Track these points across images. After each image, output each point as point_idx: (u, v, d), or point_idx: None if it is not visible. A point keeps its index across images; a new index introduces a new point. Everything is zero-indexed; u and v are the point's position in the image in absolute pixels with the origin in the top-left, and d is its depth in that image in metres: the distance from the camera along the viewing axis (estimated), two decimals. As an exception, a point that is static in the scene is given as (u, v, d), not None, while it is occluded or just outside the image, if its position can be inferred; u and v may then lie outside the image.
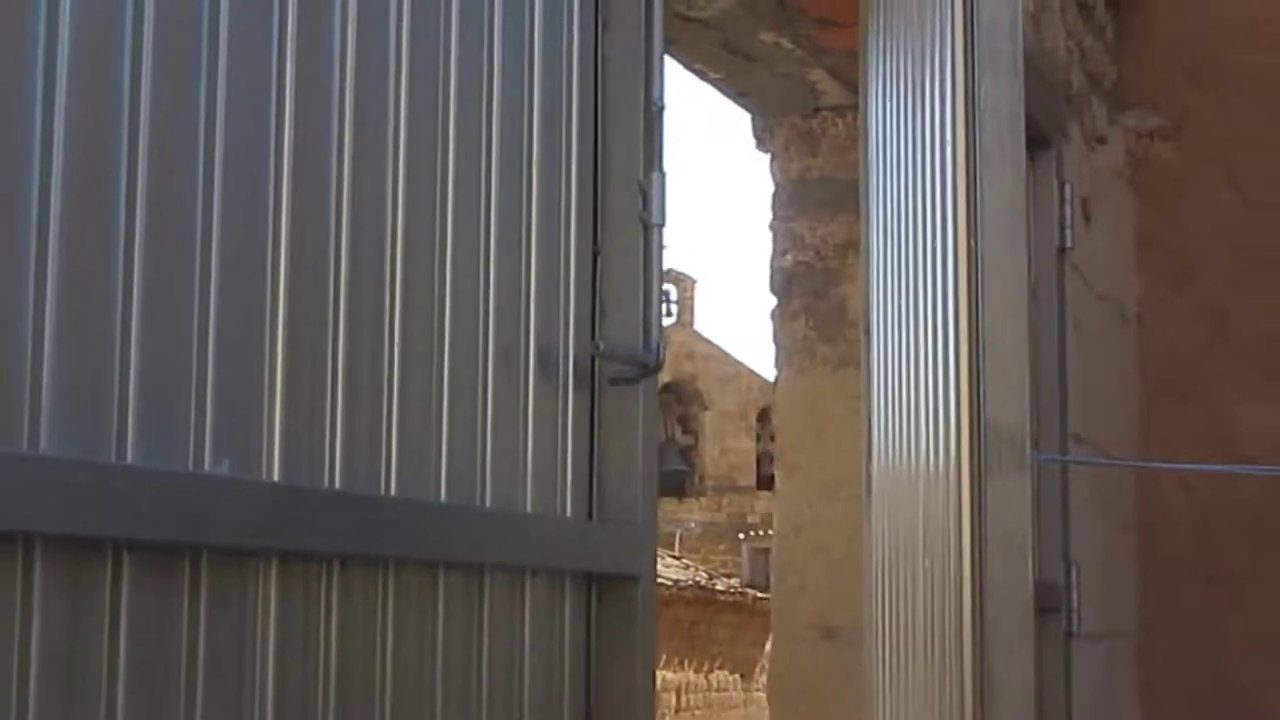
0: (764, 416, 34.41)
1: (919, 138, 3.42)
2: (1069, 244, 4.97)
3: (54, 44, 1.68)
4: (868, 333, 3.64)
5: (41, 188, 1.66)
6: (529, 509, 2.48)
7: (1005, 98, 3.40)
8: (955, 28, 3.29)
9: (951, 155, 3.32)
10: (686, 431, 36.97)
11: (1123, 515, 5.64)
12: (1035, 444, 4.71)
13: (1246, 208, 5.89)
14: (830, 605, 5.20)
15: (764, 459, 33.61)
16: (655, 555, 2.69)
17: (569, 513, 2.58)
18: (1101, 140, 5.64)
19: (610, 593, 2.61)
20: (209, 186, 1.89)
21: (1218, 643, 5.69)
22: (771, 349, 5.61)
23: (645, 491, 2.65)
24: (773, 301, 5.65)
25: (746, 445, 37.15)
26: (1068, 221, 4.97)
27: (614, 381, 2.63)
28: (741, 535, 32.00)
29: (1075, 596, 4.82)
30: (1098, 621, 5.13)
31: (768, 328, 5.64)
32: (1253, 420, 5.77)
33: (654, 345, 2.61)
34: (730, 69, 5.06)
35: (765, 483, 32.33)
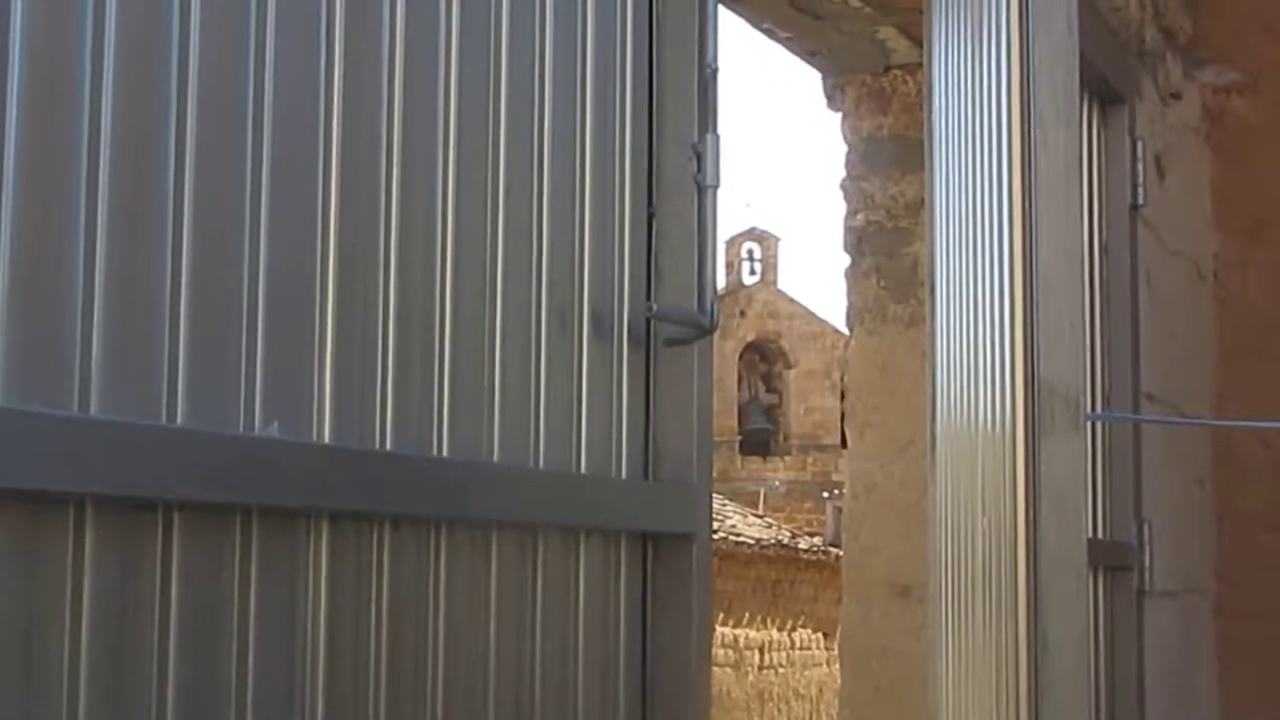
0: (848, 375, 34.18)
1: (978, 96, 3.41)
2: (1141, 201, 4.94)
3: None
4: (932, 291, 3.64)
5: (90, 148, 1.70)
6: (584, 470, 2.50)
7: (1060, 55, 3.38)
8: (1011, -16, 3.27)
9: (1006, 114, 3.31)
10: (770, 390, 36.83)
11: (1197, 472, 5.61)
12: (1106, 403, 4.69)
13: (1325, 163, 5.82)
14: (901, 563, 5.19)
15: (848, 417, 33.41)
16: (710, 514, 2.70)
17: (625, 474, 2.60)
18: (1176, 96, 5.58)
19: (665, 552, 2.64)
20: (258, 145, 1.91)
21: (1295, 597, 5.66)
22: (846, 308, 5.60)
23: (700, 451, 2.67)
24: (847, 261, 5.63)
25: (831, 404, 36.91)
26: (1140, 178, 4.93)
27: (670, 343, 2.65)
28: (826, 494, 31.88)
29: (1148, 554, 4.80)
30: (1173, 578, 5.10)
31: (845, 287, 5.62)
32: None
33: (709, 306, 2.62)
34: (799, 28, 5.04)
35: (850, 441, 32.13)
